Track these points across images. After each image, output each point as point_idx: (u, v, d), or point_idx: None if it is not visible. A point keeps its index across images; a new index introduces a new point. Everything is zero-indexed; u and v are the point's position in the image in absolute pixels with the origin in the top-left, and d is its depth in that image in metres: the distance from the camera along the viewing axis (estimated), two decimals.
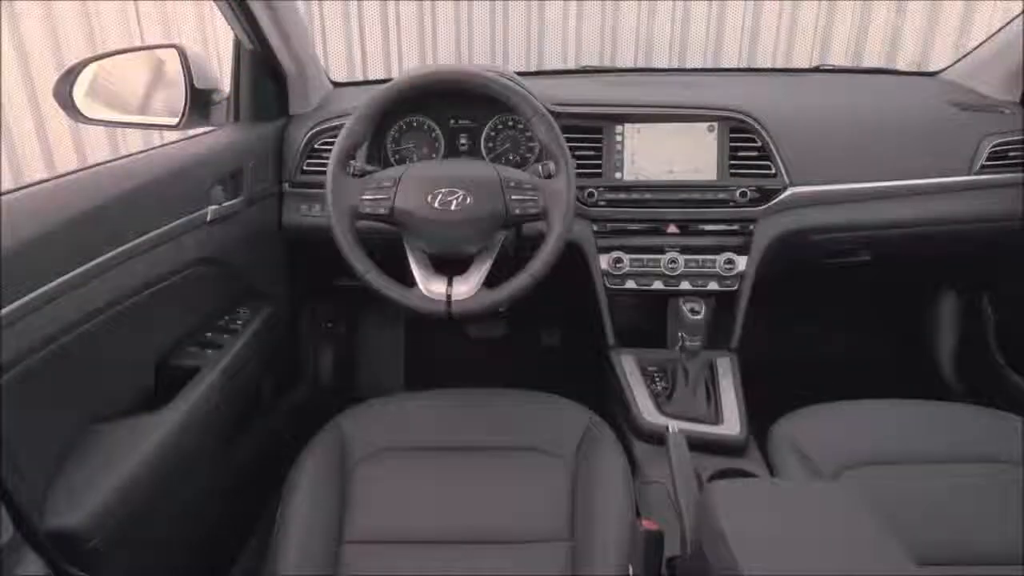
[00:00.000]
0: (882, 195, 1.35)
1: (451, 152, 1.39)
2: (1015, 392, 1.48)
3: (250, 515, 1.00)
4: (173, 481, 0.96)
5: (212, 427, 1.06)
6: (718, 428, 1.20)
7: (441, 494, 1.02)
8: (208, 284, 1.11)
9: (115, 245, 0.89)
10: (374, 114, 1.10)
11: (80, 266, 0.83)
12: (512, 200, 1.09)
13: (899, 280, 1.74)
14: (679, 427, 1.18)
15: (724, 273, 1.33)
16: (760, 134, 1.31)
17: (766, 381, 1.38)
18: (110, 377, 0.92)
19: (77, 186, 0.91)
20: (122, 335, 0.92)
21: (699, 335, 1.25)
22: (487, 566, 0.93)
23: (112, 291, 0.89)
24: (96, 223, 0.87)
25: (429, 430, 1.13)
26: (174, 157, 1.07)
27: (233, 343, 1.14)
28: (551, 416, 1.15)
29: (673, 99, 1.35)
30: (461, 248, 1.12)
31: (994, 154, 1.35)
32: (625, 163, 1.34)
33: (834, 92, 1.59)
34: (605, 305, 1.36)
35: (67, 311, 0.81)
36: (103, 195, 0.90)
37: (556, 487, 1.03)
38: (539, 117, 1.10)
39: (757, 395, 1.26)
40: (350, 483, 1.04)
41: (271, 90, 1.35)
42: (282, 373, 1.47)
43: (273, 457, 1.07)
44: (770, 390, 1.25)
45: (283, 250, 1.37)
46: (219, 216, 1.12)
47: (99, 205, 0.88)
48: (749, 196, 1.31)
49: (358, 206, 1.09)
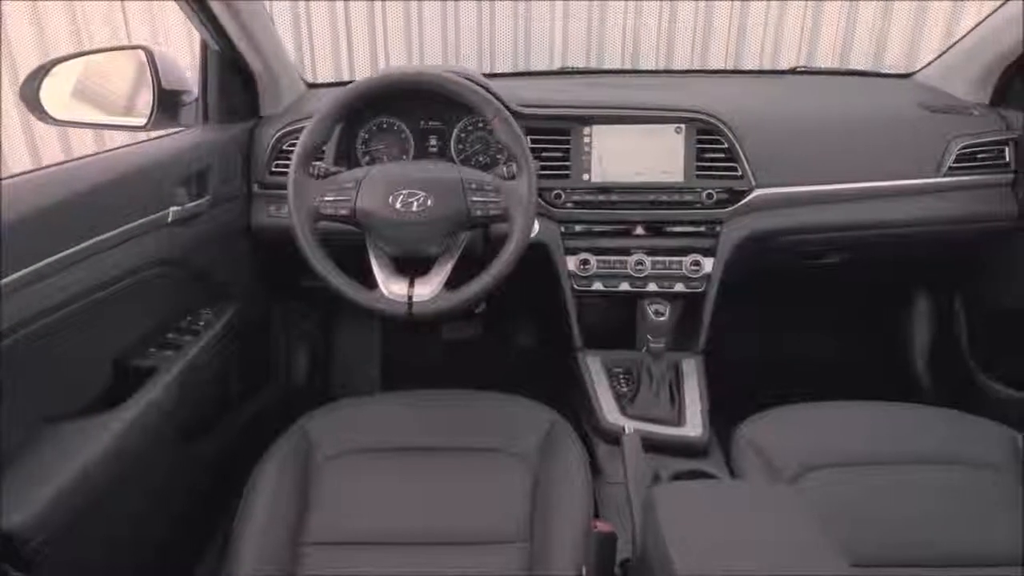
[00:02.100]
0: (850, 197, 1.35)
1: (421, 154, 1.40)
2: (985, 394, 1.48)
3: (215, 515, 1.01)
4: (126, 481, 0.96)
5: (169, 427, 1.06)
6: (680, 430, 1.20)
7: (403, 495, 1.03)
8: (170, 285, 1.12)
9: (70, 245, 0.90)
10: (334, 116, 1.10)
11: (32, 265, 0.84)
12: (473, 201, 1.09)
13: (871, 281, 1.74)
14: (640, 428, 1.20)
15: (690, 275, 1.33)
16: (726, 136, 1.31)
17: (739, 383, 1.39)
18: (64, 377, 0.92)
19: (32, 185, 0.91)
20: (77, 335, 0.93)
21: (663, 337, 1.26)
22: (445, 567, 0.93)
23: (66, 291, 0.89)
24: (50, 222, 0.88)
25: (393, 432, 1.13)
26: (134, 158, 1.08)
27: (193, 344, 1.14)
28: (515, 417, 1.16)
29: (640, 101, 1.35)
30: (423, 249, 1.13)
31: (962, 156, 1.35)
32: (593, 165, 1.34)
33: (805, 94, 1.59)
34: (572, 306, 1.37)
35: (19, 309, 0.81)
36: (57, 195, 0.90)
37: (517, 488, 1.03)
38: (500, 118, 1.11)
39: (729, 397, 1.26)
40: (312, 484, 1.04)
41: (240, 91, 1.35)
42: (251, 374, 1.47)
43: (239, 457, 1.07)
44: (743, 392, 1.26)
45: (252, 251, 1.37)
46: (181, 217, 1.12)
47: (54, 205, 0.89)
48: (715, 198, 1.32)
49: (319, 207, 1.09)
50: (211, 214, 1.23)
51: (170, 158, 1.14)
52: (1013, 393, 1.42)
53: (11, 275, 0.80)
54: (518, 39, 2.54)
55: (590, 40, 2.55)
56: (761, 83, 1.73)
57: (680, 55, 2.57)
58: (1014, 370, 1.43)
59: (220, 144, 1.28)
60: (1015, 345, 1.44)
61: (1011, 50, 1.34)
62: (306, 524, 0.98)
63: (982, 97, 1.44)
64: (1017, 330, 1.42)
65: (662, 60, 2.58)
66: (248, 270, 1.39)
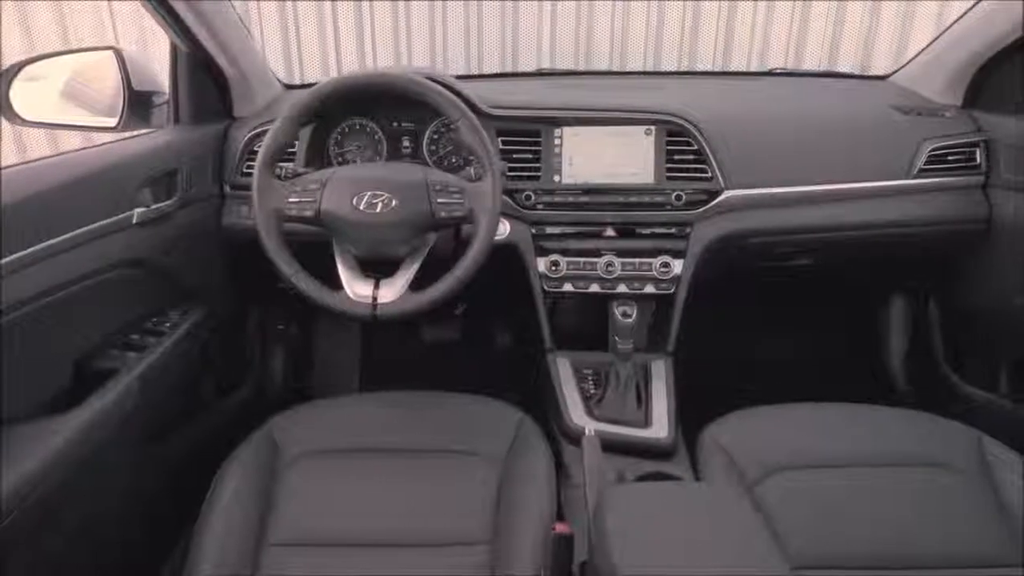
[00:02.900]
0: (820, 199, 1.35)
1: (394, 155, 1.40)
2: (957, 395, 1.48)
3: (182, 516, 1.01)
4: (84, 482, 0.97)
5: (132, 428, 1.06)
6: (645, 431, 1.20)
7: (367, 497, 1.03)
8: (134, 286, 1.12)
9: (29, 245, 0.90)
10: (297, 118, 1.11)
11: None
12: (438, 203, 1.10)
13: (845, 283, 1.74)
14: (606, 430, 1.20)
15: (660, 276, 1.33)
16: (695, 138, 1.31)
17: (712, 384, 1.39)
18: (21, 378, 0.93)
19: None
20: (36, 336, 0.93)
21: (630, 338, 1.26)
22: (406, 569, 0.93)
23: (24, 291, 0.89)
24: (9, 223, 0.88)
25: (360, 433, 1.14)
26: (97, 159, 1.08)
27: (158, 345, 1.15)
28: (483, 418, 1.16)
29: (610, 103, 1.35)
30: (388, 250, 1.13)
31: (932, 158, 1.35)
32: (563, 166, 1.34)
33: (779, 96, 1.59)
34: (542, 307, 1.37)
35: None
36: (17, 196, 0.90)
37: (482, 489, 1.04)
38: (464, 120, 1.11)
39: (702, 398, 1.26)
40: (278, 485, 1.04)
41: (212, 92, 1.36)
42: (224, 375, 1.48)
43: (210, 458, 1.07)
44: (716, 393, 1.26)
45: (224, 252, 1.37)
46: (148, 218, 1.12)
47: (13, 205, 0.89)
48: (685, 199, 1.32)
49: (284, 208, 1.10)
50: (180, 215, 1.23)
51: (136, 159, 1.14)
52: (983, 394, 1.42)
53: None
54: (505, 40, 2.55)
55: (578, 41, 2.55)
56: (737, 85, 1.73)
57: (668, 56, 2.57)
58: (983, 371, 1.43)
59: (191, 145, 1.29)
60: (984, 347, 1.44)
61: (981, 52, 1.34)
62: (269, 525, 0.99)
63: (955, 99, 1.44)
64: (986, 332, 1.42)
65: (650, 61, 2.59)
66: (220, 271, 1.39)
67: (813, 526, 0.97)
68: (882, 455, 1.08)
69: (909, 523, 0.97)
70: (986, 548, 0.94)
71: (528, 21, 2.51)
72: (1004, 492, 1.01)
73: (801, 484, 1.03)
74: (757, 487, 1.03)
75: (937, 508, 1.00)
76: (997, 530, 0.96)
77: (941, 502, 1.01)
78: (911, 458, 1.08)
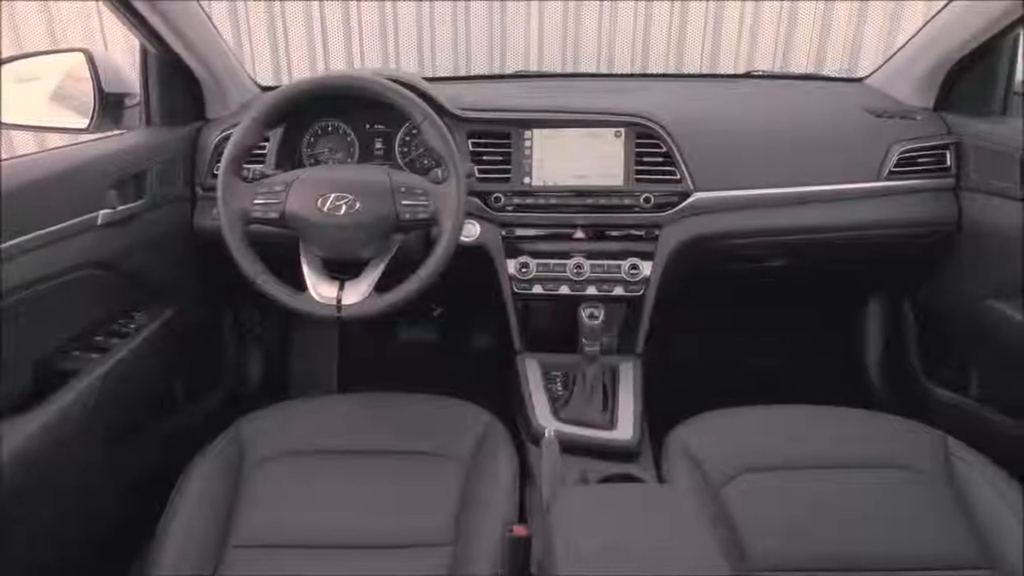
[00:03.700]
0: (790, 201, 1.35)
1: (366, 157, 1.41)
2: (930, 397, 1.48)
3: (150, 517, 1.02)
4: (43, 482, 0.97)
5: (93, 428, 1.07)
6: (610, 433, 1.21)
7: (332, 499, 1.03)
8: (99, 287, 1.12)
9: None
10: (261, 119, 1.11)
11: None
12: (403, 205, 1.11)
13: (819, 285, 1.74)
14: (571, 432, 1.21)
15: (629, 278, 1.33)
16: (664, 140, 1.31)
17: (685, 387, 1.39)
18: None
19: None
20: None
21: (597, 340, 1.26)
22: (367, 571, 0.94)
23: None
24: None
25: (327, 434, 1.14)
26: (61, 160, 1.08)
27: (122, 346, 1.15)
28: (450, 420, 1.17)
29: (580, 105, 1.36)
30: (354, 252, 1.14)
31: (903, 160, 1.34)
32: (533, 168, 1.34)
33: (752, 98, 1.59)
34: (512, 309, 1.37)
35: None
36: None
37: (446, 491, 1.04)
38: (429, 121, 1.11)
39: (674, 400, 1.26)
40: (243, 486, 1.05)
41: (184, 93, 1.36)
42: (196, 376, 1.48)
43: (179, 459, 1.08)
44: (688, 396, 1.25)
45: (196, 254, 1.38)
46: (113, 219, 1.13)
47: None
48: (654, 202, 1.32)
49: (249, 210, 1.10)
50: (149, 217, 1.24)
51: (102, 161, 1.15)
52: (953, 396, 1.42)
53: None
54: (493, 42, 2.55)
55: (565, 42, 2.56)
56: (712, 87, 1.73)
57: (655, 58, 2.58)
58: (954, 373, 1.43)
59: (162, 147, 1.29)
60: (954, 349, 1.44)
61: (951, 54, 1.34)
62: (232, 526, 0.99)
63: (927, 101, 1.44)
64: (956, 334, 1.42)
65: (637, 63, 2.59)
66: (191, 273, 1.39)
67: (776, 528, 0.97)
68: (847, 457, 1.09)
69: (872, 525, 0.97)
70: (949, 549, 0.94)
71: (515, 23, 2.52)
72: (968, 493, 1.02)
73: (766, 486, 1.04)
74: (722, 489, 1.04)
75: (901, 510, 1.00)
76: (960, 531, 0.96)
77: (905, 504, 1.01)
78: (876, 460, 1.08)
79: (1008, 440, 1.26)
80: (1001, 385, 1.32)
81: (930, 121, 1.39)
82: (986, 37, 1.26)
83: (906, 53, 1.48)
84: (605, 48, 2.56)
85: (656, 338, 1.38)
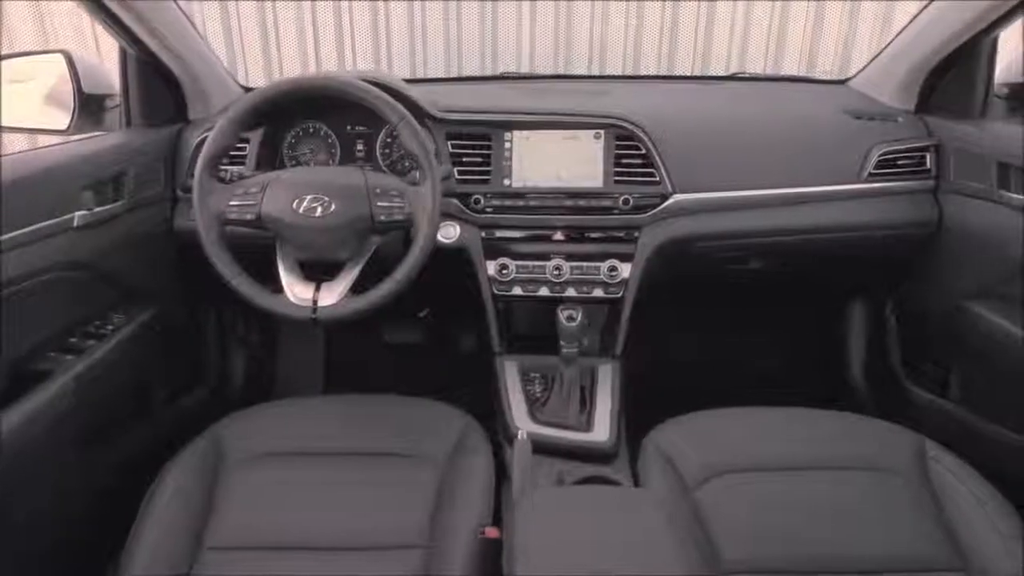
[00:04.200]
0: (769, 203, 1.35)
1: (347, 159, 1.41)
2: (910, 399, 1.48)
3: (127, 518, 1.02)
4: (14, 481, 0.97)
5: (65, 431, 1.07)
6: (586, 435, 1.21)
7: (308, 501, 1.04)
8: (75, 288, 1.12)
9: None
10: (237, 121, 1.11)
11: None
12: (379, 206, 1.11)
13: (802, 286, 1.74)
14: (547, 433, 1.21)
15: (608, 280, 1.33)
16: (643, 142, 1.31)
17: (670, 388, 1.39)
18: None
19: None
20: None
21: (575, 341, 1.26)
22: (341, 572, 0.94)
23: None
24: None
25: (305, 436, 1.15)
26: (36, 162, 1.08)
27: (97, 348, 1.15)
28: (429, 421, 1.17)
29: (560, 107, 1.36)
30: (329, 254, 1.14)
31: (883, 162, 1.34)
32: (513, 170, 1.34)
33: (731, 100, 1.59)
34: (492, 311, 1.37)
35: None
36: None
37: (422, 493, 1.04)
38: (404, 123, 1.12)
39: (657, 402, 1.26)
40: (219, 487, 1.05)
41: (164, 95, 1.37)
42: (176, 377, 1.48)
43: (158, 460, 1.08)
44: (673, 397, 1.25)
45: (176, 255, 1.38)
46: (90, 221, 1.13)
47: None
48: (632, 204, 1.32)
49: (225, 212, 1.11)
50: (128, 218, 1.24)
51: (78, 162, 1.15)
52: (933, 398, 1.42)
53: None
54: (485, 43, 2.55)
55: (557, 44, 2.56)
56: (695, 89, 1.73)
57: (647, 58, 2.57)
58: (934, 375, 1.43)
59: (141, 148, 1.29)
60: (935, 351, 1.44)
61: (931, 56, 1.34)
62: (207, 527, 0.99)
63: (909, 103, 1.44)
64: (935, 335, 1.42)
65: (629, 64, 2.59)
66: (172, 274, 1.39)
67: (750, 530, 0.97)
68: (822, 459, 1.09)
69: (845, 526, 0.97)
70: (923, 550, 0.94)
71: (507, 24, 2.52)
72: (942, 495, 1.02)
73: (740, 488, 1.04)
74: (696, 491, 1.04)
75: (874, 511, 1.00)
76: (934, 533, 0.96)
77: (878, 505, 1.01)
78: (851, 462, 1.08)
79: (985, 442, 1.26)
80: (978, 387, 1.32)
81: (911, 123, 1.39)
82: (964, 39, 1.26)
83: (888, 55, 1.48)
84: (597, 49, 2.56)
85: (640, 340, 1.38)
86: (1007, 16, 1.17)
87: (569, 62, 2.57)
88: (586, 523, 0.79)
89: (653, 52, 2.56)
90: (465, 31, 2.53)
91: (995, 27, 1.22)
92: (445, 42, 2.56)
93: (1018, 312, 1.18)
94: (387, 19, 2.54)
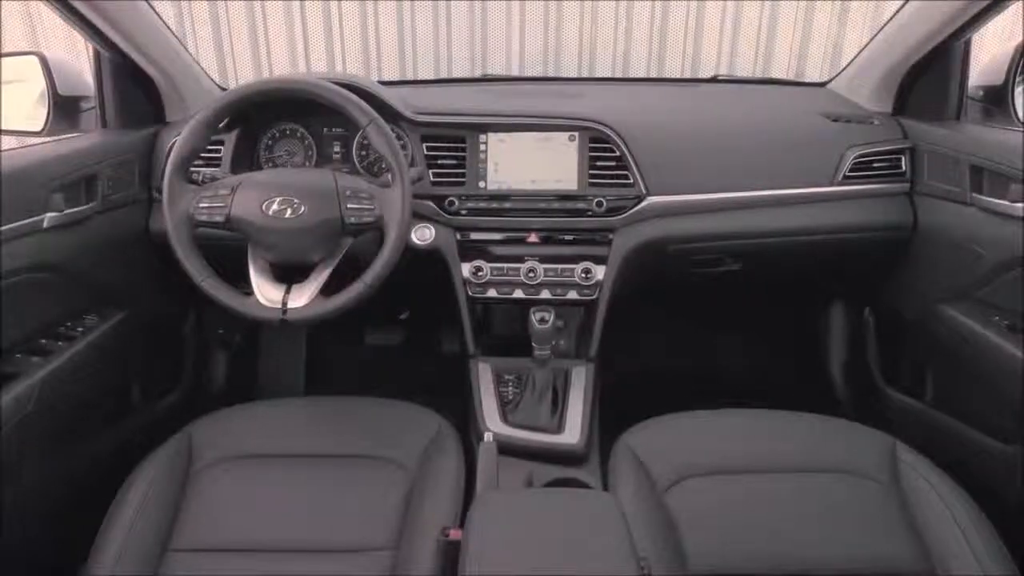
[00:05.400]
0: (744, 205, 1.35)
1: (324, 160, 1.41)
2: (887, 402, 1.48)
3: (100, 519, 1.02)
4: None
5: (30, 433, 1.07)
6: (556, 437, 1.21)
7: (277, 503, 1.03)
8: (45, 290, 1.12)
9: None
10: (207, 122, 1.12)
11: None
12: (348, 208, 1.11)
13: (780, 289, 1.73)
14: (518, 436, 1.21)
15: (582, 282, 1.33)
16: (617, 144, 1.31)
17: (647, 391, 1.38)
18: None
19: None
20: None
21: (547, 344, 1.26)
22: (305, 574, 0.94)
23: None
24: None
25: (277, 438, 1.15)
26: (5, 162, 1.08)
27: (66, 349, 1.15)
28: (401, 423, 1.17)
29: (535, 109, 1.36)
30: (299, 256, 1.14)
31: (858, 165, 1.34)
32: (488, 172, 1.35)
33: (708, 102, 1.59)
34: (466, 313, 1.37)
35: None
36: None
37: (392, 495, 1.04)
38: (374, 125, 1.12)
39: (633, 405, 1.26)
40: (188, 490, 1.05)
41: (140, 96, 1.37)
42: (152, 379, 1.48)
43: (130, 462, 1.08)
44: (650, 400, 1.25)
45: (151, 256, 1.38)
46: (61, 222, 1.13)
47: None
48: (607, 206, 1.32)
49: (195, 213, 1.11)
50: (100, 220, 1.24)
51: (51, 163, 1.15)
52: (908, 400, 1.41)
53: None
54: (475, 44, 2.56)
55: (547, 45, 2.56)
56: (672, 92, 1.73)
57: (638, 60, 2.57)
58: (910, 378, 1.43)
59: (114, 149, 1.29)
60: (911, 353, 1.43)
61: (905, 58, 1.34)
62: (175, 530, 0.99)
63: (885, 106, 1.44)
64: (911, 338, 1.42)
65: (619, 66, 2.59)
66: (148, 275, 1.39)
67: (716, 531, 0.97)
68: (793, 461, 1.08)
69: (814, 529, 0.97)
70: (890, 552, 0.94)
71: (497, 25, 2.52)
72: (913, 499, 1.01)
73: (709, 490, 1.03)
74: (665, 493, 1.03)
75: (843, 513, 1.00)
76: (903, 537, 0.96)
77: (847, 507, 1.01)
78: (822, 464, 1.07)
79: (958, 445, 1.25)
80: (951, 390, 1.32)
81: (886, 126, 1.39)
82: (937, 42, 1.26)
83: (865, 57, 1.48)
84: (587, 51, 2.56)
85: (617, 342, 1.37)
86: (978, 18, 1.17)
87: (559, 64, 2.58)
88: (542, 525, 0.78)
89: (643, 54, 2.56)
90: (455, 33, 2.54)
91: (966, 29, 1.22)
92: (435, 44, 2.56)
93: (990, 315, 1.18)
94: (376, 21, 2.55)
